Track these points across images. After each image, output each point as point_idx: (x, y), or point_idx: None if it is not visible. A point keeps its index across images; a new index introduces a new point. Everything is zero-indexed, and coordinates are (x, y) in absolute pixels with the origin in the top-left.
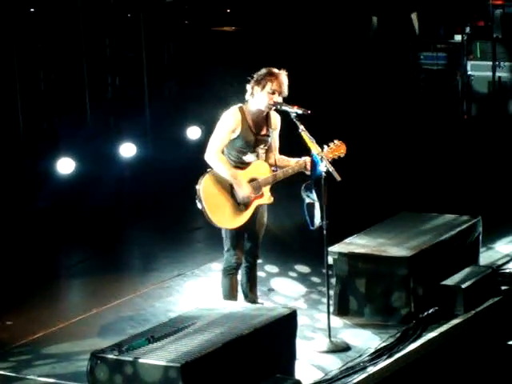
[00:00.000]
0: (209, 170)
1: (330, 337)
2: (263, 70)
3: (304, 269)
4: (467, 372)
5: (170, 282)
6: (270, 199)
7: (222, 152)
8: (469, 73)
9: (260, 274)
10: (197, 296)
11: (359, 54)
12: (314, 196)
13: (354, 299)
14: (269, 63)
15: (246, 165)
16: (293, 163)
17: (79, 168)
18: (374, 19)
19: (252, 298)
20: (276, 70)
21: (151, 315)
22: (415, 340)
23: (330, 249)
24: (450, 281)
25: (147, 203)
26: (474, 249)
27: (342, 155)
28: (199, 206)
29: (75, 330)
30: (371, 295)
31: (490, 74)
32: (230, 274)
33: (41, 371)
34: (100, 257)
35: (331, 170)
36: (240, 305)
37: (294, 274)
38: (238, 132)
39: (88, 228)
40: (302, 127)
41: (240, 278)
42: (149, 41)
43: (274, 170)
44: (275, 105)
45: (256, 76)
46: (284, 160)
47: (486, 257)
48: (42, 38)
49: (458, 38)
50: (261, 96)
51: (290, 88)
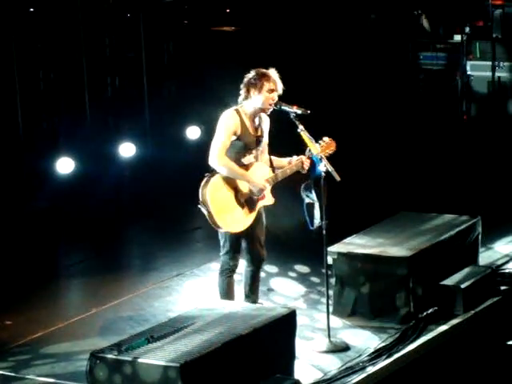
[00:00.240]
0: (207, 174)
1: (329, 337)
2: (253, 73)
3: (303, 269)
4: (467, 372)
5: (170, 281)
6: (272, 200)
7: None
8: (468, 73)
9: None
10: (196, 296)
11: (359, 53)
12: (314, 196)
13: (354, 299)
14: (269, 63)
15: (246, 167)
16: (285, 163)
17: (79, 168)
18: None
19: (253, 299)
20: (266, 70)
21: (150, 315)
22: (415, 340)
23: (330, 249)
24: (450, 281)
25: (147, 203)
26: (473, 249)
27: (331, 152)
28: (204, 210)
29: (74, 330)
30: (370, 295)
31: (489, 74)
32: (227, 275)
33: (40, 371)
34: (99, 257)
35: (331, 169)
36: (239, 305)
37: (293, 274)
38: (238, 134)
39: (87, 228)
40: (301, 127)
41: (243, 279)
42: (148, 41)
43: (273, 171)
44: (275, 104)
45: (248, 79)
46: (276, 160)
47: (485, 257)
48: (42, 37)
49: (457, 37)
50: (260, 97)
51: (289, 88)
